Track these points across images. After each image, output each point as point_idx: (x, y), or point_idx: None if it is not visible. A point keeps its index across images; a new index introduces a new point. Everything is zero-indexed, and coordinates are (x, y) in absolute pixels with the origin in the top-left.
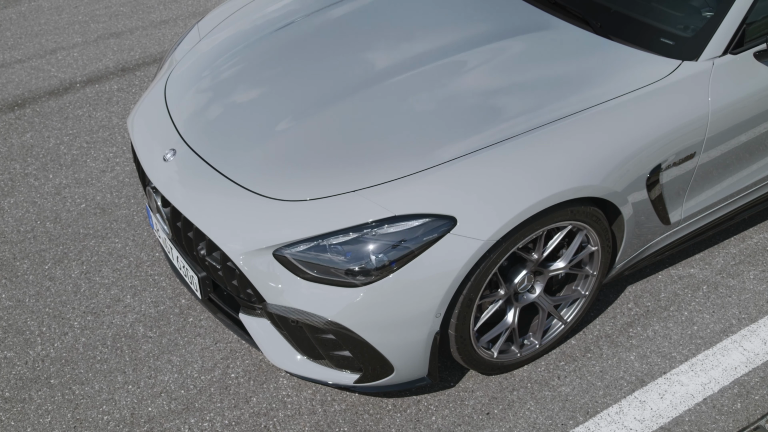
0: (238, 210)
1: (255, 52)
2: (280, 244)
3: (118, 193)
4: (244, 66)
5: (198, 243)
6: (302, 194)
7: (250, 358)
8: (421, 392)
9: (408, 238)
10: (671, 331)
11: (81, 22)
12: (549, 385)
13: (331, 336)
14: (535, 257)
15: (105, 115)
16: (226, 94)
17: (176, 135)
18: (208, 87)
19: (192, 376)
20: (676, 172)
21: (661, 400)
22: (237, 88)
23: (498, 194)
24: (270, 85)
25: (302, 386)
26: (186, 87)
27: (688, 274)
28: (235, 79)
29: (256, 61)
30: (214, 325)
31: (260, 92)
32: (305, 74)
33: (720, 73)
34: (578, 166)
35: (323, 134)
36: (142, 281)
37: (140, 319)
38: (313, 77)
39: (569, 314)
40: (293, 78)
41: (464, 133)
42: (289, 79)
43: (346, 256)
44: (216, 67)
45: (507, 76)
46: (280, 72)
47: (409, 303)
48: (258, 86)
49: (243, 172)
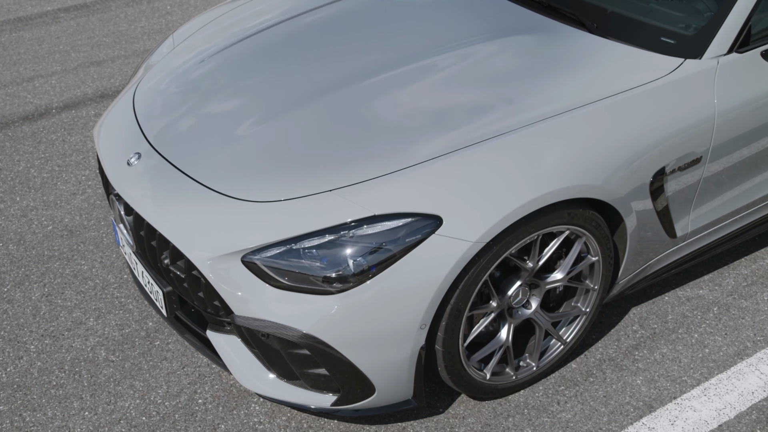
0: (204, 213)
1: (226, 58)
2: (249, 249)
3: (87, 216)
4: (214, 72)
5: (162, 252)
6: (274, 195)
7: (220, 383)
8: (407, 418)
9: (389, 239)
10: (681, 354)
11: (62, 52)
12: (548, 411)
13: (305, 351)
14: (530, 266)
15: (80, 140)
16: (197, 100)
17: (143, 139)
18: (178, 93)
19: (155, 402)
20: (681, 179)
21: (672, 426)
22: (207, 94)
23: (487, 192)
24: (241, 90)
25: (276, 412)
26: (155, 94)
27: (696, 296)
28: (206, 84)
29: (227, 67)
30: (182, 349)
31: (231, 96)
32: (277, 77)
33: (726, 72)
34: (573, 165)
35: (296, 135)
36: (107, 303)
37: (102, 343)
38: (284, 80)
39: (569, 334)
40: (265, 82)
41: (449, 131)
42: (260, 83)
43: (322, 262)
44: (186, 73)
45: (494, 76)
46: (251, 76)
47: (391, 313)
48: (229, 91)
49: (211, 174)
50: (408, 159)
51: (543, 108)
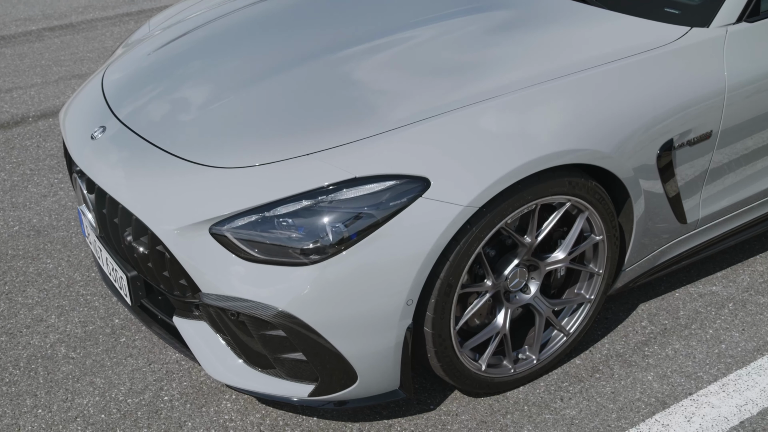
0: (169, 182)
1: (196, 38)
2: (218, 218)
3: (57, 216)
4: (185, 52)
5: (124, 229)
6: (248, 161)
7: (190, 379)
8: (393, 415)
9: (371, 204)
10: (695, 350)
11: (43, 66)
12: (550, 408)
13: (280, 333)
14: (528, 241)
15: (55, 145)
16: (166, 77)
17: (110, 114)
18: (148, 73)
19: (116, 399)
20: (691, 156)
21: (688, 423)
22: (177, 71)
23: (479, 154)
24: (211, 66)
25: (249, 409)
26: (125, 74)
27: (709, 292)
28: (176, 63)
29: (198, 46)
30: (149, 345)
31: (201, 73)
32: (247, 54)
33: (736, 42)
34: (572, 128)
35: (271, 103)
36: (71, 301)
37: (63, 340)
38: (255, 56)
39: (572, 324)
40: (235, 59)
41: (439, 94)
42: (230, 61)
43: (298, 232)
44: (157, 54)
45: (488, 43)
46: (221, 54)
47: (374, 287)
48: (199, 67)
49: (179, 143)
50: (393, 122)
51: (538, 71)
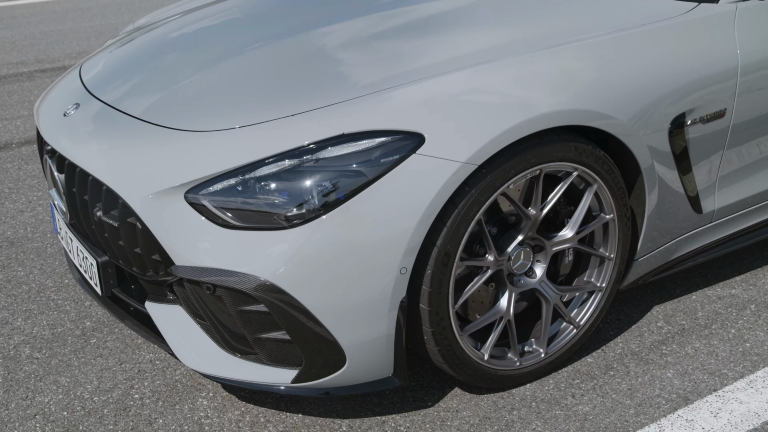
0: (142, 149)
1: (177, 25)
2: (194, 182)
3: (33, 230)
4: (162, 39)
5: (95, 204)
6: (228, 124)
7: (163, 378)
8: (387, 411)
9: (361, 161)
10: (717, 349)
11: (31, 101)
12: (561, 404)
13: (261, 308)
14: (532, 213)
15: (36, 168)
16: (144, 60)
17: (85, 92)
18: (128, 59)
19: (81, 397)
20: (704, 133)
21: (715, 418)
22: (155, 54)
23: (476, 112)
24: (189, 49)
25: (227, 406)
26: (103, 62)
27: (729, 295)
28: (155, 48)
29: (175, 34)
30: (122, 346)
31: (180, 55)
32: (227, 35)
33: (747, 19)
34: (576, 87)
35: (247, 73)
36: (41, 305)
37: (28, 341)
38: (234, 35)
39: (582, 315)
40: (215, 41)
41: (433, 57)
42: (209, 43)
43: (282, 196)
44: (137, 43)
45: (490, 17)
46: (202, 39)
47: (364, 253)
48: (178, 52)
49: (153, 111)
50: (381, 83)
51: (540, 42)
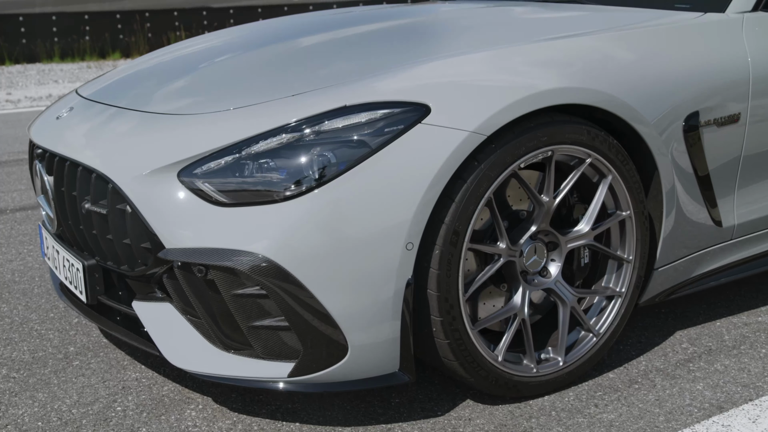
0: (133, 133)
1: (168, 56)
2: (186, 160)
3: (21, 274)
4: (162, 64)
5: (83, 198)
6: (220, 107)
7: (150, 393)
8: (394, 419)
9: (364, 132)
10: (748, 366)
11: (29, 179)
12: (583, 413)
13: (258, 290)
14: (545, 200)
15: (30, 229)
16: (141, 79)
17: (79, 99)
18: (126, 77)
19: (59, 410)
20: (720, 137)
21: (754, 424)
22: (151, 74)
23: (485, 85)
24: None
25: (217, 416)
26: (100, 82)
27: (755, 321)
28: (151, 70)
29: (175, 60)
30: (106, 367)
31: (171, 71)
32: (224, 56)
33: (755, 29)
34: (585, 68)
35: (243, 68)
36: (22, 334)
37: (5, 363)
38: (224, 50)
39: (602, 323)
40: (204, 54)
41: (440, 44)
42: (200, 57)
43: (280, 174)
44: (134, 67)
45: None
46: (190, 59)
47: (367, 227)
48: (180, 66)
49: (147, 101)
50: (388, 67)
51: (545, 34)
